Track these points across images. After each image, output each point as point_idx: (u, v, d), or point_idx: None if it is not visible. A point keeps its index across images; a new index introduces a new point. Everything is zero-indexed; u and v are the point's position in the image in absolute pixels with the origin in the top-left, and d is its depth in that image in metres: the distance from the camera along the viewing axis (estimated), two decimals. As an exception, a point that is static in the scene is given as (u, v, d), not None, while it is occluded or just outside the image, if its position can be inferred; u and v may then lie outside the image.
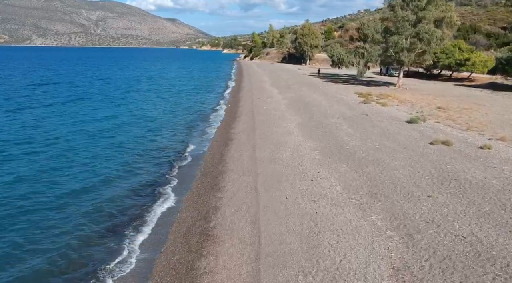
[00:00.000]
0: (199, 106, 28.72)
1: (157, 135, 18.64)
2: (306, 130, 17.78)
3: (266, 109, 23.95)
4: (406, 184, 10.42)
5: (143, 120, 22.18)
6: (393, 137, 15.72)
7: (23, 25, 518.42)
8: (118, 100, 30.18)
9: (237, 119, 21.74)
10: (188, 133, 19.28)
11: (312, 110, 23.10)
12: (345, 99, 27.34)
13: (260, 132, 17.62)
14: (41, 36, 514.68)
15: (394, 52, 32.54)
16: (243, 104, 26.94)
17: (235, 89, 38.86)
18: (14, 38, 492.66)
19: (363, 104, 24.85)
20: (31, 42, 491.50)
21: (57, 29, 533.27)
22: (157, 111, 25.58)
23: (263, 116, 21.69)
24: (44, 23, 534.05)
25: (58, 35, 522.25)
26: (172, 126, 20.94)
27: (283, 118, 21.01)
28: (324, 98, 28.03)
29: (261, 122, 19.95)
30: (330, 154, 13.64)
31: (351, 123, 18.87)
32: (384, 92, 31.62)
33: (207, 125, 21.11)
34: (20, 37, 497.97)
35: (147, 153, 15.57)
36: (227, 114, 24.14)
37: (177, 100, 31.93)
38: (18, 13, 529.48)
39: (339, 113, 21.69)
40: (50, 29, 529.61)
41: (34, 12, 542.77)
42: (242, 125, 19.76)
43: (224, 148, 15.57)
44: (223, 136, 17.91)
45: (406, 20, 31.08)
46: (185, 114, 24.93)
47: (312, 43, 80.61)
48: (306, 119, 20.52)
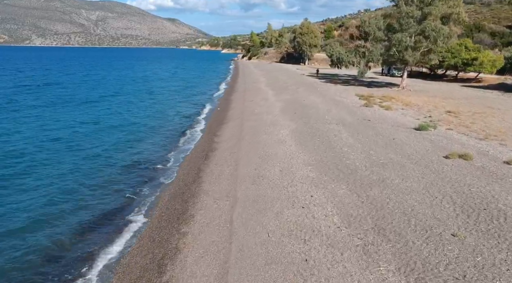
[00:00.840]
0: (186, 109, 26.49)
1: (131, 144, 16.41)
2: (300, 138, 15.55)
3: (258, 113, 21.72)
4: (422, 216, 8.19)
5: (119, 127, 19.93)
6: (401, 149, 13.49)
7: (22, 25, 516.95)
8: (97, 104, 27.92)
9: (224, 125, 19.52)
10: (168, 141, 17.08)
11: (309, 115, 20.86)
12: (345, 102, 25.10)
13: (248, 141, 15.39)
14: (41, 36, 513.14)
15: (397, 51, 30.28)
16: (233, 108, 24.73)
17: (228, 90, 36.64)
18: (14, 38, 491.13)
19: (364, 108, 22.60)
20: (30, 42, 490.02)
21: (57, 29, 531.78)
22: (138, 116, 23.30)
23: (254, 121, 19.46)
24: (44, 23, 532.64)
25: (57, 35, 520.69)
26: (152, 133, 18.73)
27: (276, 123, 18.78)
28: (322, 101, 25.79)
29: (250, 129, 17.72)
30: (327, 171, 11.41)
31: (352, 130, 16.63)
32: (387, 94, 29.37)
33: (191, 132, 18.90)
34: (19, 37, 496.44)
35: (114, 166, 13.36)
36: (215, 119, 21.93)
37: (164, 102, 29.70)
38: (17, 13, 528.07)
39: (338, 118, 19.45)
40: (50, 29, 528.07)
41: (33, 12, 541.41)
42: (229, 132, 17.54)
43: (203, 161, 13.35)
44: (206, 145, 15.70)
45: (410, 16, 28.81)
46: (170, 119, 22.72)
47: (311, 43, 78.40)
48: (301, 125, 18.29)
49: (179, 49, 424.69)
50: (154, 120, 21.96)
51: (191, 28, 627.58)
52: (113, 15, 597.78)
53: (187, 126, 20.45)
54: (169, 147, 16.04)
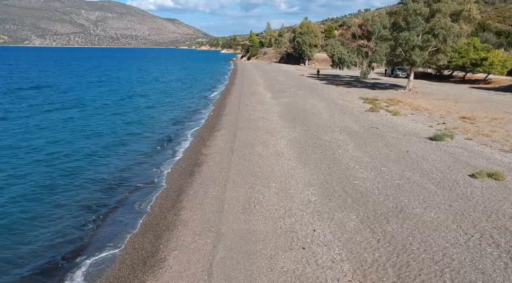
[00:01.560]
0: (177, 113, 24.49)
1: (109, 156, 14.50)
2: (300, 151, 13.67)
3: (253, 120, 19.83)
4: (459, 265, 6.30)
5: (98, 135, 17.90)
6: (417, 165, 11.59)
7: (22, 25, 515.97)
8: (81, 107, 26.03)
9: (217, 132, 17.62)
10: (151, 153, 15.12)
11: (309, 121, 18.97)
12: (349, 106, 23.20)
13: (241, 154, 13.50)
14: (40, 36, 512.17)
15: (403, 50, 28.40)
16: (228, 112, 22.82)
17: (224, 92, 34.74)
18: (13, 38, 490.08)
19: (370, 113, 20.72)
20: (30, 43, 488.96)
21: (57, 30, 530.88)
22: (123, 122, 21.30)
23: (249, 129, 17.57)
24: (43, 23, 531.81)
25: (57, 36, 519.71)
26: (135, 142, 16.80)
27: (273, 131, 16.90)
28: (324, 105, 23.89)
29: (244, 138, 15.83)
30: (332, 193, 9.54)
31: (358, 140, 14.73)
32: (393, 96, 27.50)
33: (178, 142, 16.96)
34: (19, 37, 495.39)
35: (82, 185, 11.46)
36: (207, 125, 20.00)
37: (155, 106, 27.77)
38: (17, 14, 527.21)
39: (342, 126, 17.55)
40: (49, 29, 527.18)
41: (33, 12, 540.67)
42: (220, 142, 15.64)
43: (186, 180, 11.45)
44: (193, 158, 13.79)
45: (418, 13, 26.94)
46: (157, 125, 20.76)
47: (311, 42, 76.65)
48: (301, 133, 16.40)
49: (178, 49, 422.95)
50: (140, 127, 20.01)
51: (191, 28, 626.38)
52: (112, 15, 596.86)
53: (175, 134, 18.48)
54: (152, 160, 14.11)
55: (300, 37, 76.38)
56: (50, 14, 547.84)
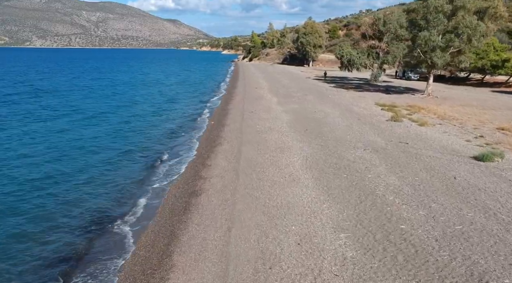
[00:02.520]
0: (174, 123, 21.93)
1: (86, 182, 11.98)
2: (319, 174, 11.20)
3: (260, 131, 17.36)
4: None
5: (78, 152, 15.41)
6: (475, 199, 9.09)
7: (23, 26, 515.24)
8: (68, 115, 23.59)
9: (218, 147, 15.15)
10: (140, 177, 12.58)
11: (325, 133, 16.49)
12: (366, 115, 20.70)
13: (248, 179, 11.04)
14: (41, 37, 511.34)
15: (422, 51, 25.88)
16: (231, 121, 20.35)
17: (226, 97, 32.28)
18: (14, 39, 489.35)
19: (393, 123, 18.21)
20: (31, 44, 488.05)
21: (57, 31, 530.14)
22: (111, 135, 18.51)
23: (255, 143, 15.09)
24: (44, 24, 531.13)
25: (58, 37, 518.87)
26: (124, 161, 14.30)
27: (284, 147, 14.43)
28: (338, 113, 21.39)
29: (251, 156, 13.37)
30: (373, 246, 7.06)
31: (389, 160, 12.24)
32: (412, 102, 25.00)
33: (172, 161, 14.42)
34: (20, 38, 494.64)
35: (50, 228, 9.02)
36: (206, 138, 17.49)
37: (150, 113, 25.32)
38: (18, 15, 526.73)
39: (364, 140, 15.05)
40: (50, 30, 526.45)
41: (34, 13, 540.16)
42: (222, 162, 13.17)
43: (180, 218, 8.99)
44: (188, 185, 11.32)
45: (439, 10, 24.45)
46: (151, 138, 18.25)
47: (315, 43, 74.11)
48: (318, 149, 13.93)
49: (179, 50, 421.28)
50: (132, 141, 17.43)
51: (192, 29, 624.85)
52: (113, 16, 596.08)
53: (170, 150, 15.95)
54: (140, 187, 11.60)
55: (304, 37, 73.84)
56: (51, 15, 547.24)
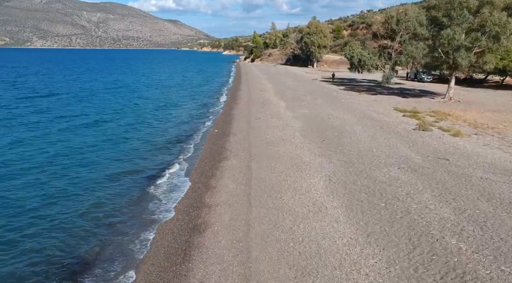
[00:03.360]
0: (172, 132, 19.50)
1: (54, 223, 9.66)
2: (349, 202, 9.05)
3: (270, 142, 15.19)
4: None
5: (53, 173, 13.22)
6: None
7: (23, 27, 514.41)
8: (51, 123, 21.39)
9: (223, 164, 12.98)
10: (129, 209, 10.27)
11: (345, 145, 14.33)
12: (388, 122, 18.50)
13: (262, 211, 8.89)
14: (42, 38, 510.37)
15: (443, 51, 23.68)
16: (236, 131, 18.16)
17: (229, 101, 30.11)
18: (15, 40, 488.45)
19: (421, 133, 16.02)
20: (31, 44, 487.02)
21: (58, 31, 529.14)
22: (99, 150, 15.65)
23: (266, 159, 12.94)
24: (45, 25, 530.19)
25: (58, 37, 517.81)
26: (109, 185, 12.00)
27: (301, 163, 12.27)
28: (355, 119, 19.20)
29: (263, 176, 11.23)
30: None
31: (433, 184, 10.04)
32: (434, 107, 22.82)
33: (168, 182, 12.11)
34: (20, 39, 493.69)
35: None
36: (209, 151, 15.26)
37: (146, 120, 23.17)
38: (18, 15, 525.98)
39: (395, 154, 12.87)
40: (51, 31, 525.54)
41: (34, 14, 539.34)
42: (229, 183, 11.02)
43: (178, 269, 6.84)
44: (189, 216, 9.17)
45: (465, 6, 22.28)
46: (144, 152, 15.85)
47: (320, 43, 71.91)
48: (341, 167, 11.78)
49: (180, 50, 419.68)
50: (125, 155, 15.01)
51: (193, 29, 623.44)
52: (114, 17, 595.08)
53: (167, 166, 13.68)
54: (127, 225, 9.29)
55: (308, 37, 71.69)
56: (51, 15, 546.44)
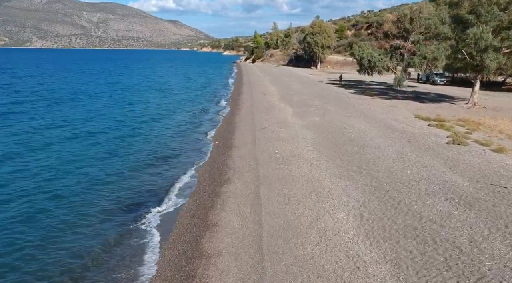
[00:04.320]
0: (166, 146, 16.98)
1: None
2: (396, 254, 6.76)
3: (281, 159, 12.90)
4: None
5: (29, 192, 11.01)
6: None
7: (23, 27, 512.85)
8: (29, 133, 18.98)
9: (224, 189, 10.68)
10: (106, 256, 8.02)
11: (370, 163, 12.04)
12: (414, 133, 16.17)
13: (279, 268, 6.60)
14: (42, 38, 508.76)
15: (467, 52, 21.38)
16: (239, 144, 15.85)
17: (231, 106, 27.77)
18: (15, 40, 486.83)
19: (457, 148, 13.70)
20: (31, 44, 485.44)
21: (58, 31, 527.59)
22: (77, 171, 13.04)
23: (277, 184, 10.64)
24: (45, 25, 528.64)
25: (58, 37, 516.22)
26: (88, 217, 9.78)
27: (320, 189, 9.99)
28: (375, 130, 16.88)
29: (276, 210, 8.94)
30: None
31: (501, 225, 7.70)
32: (459, 114, 20.52)
33: (159, 215, 9.78)
34: (20, 39, 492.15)
35: None
36: (208, 170, 12.90)
37: (137, 129, 20.87)
38: (18, 15, 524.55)
39: (435, 178, 10.54)
40: (51, 31, 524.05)
41: (34, 14, 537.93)
42: (233, 218, 8.73)
43: None
44: (178, 276, 6.88)
45: (494, 2, 20.00)
46: (132, 171, 13.46)
47: (323, 43, 69.70)
48: (370, 193, 9.51)
49: (180, 50, 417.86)
50: (94, 187, 12.24)
51: (193, 29, 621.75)
52: (114, 17, 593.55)
53: (160, 193, 11.26)
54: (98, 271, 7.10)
55: (312, 37, 69.47)
56: (51, 15, 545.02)
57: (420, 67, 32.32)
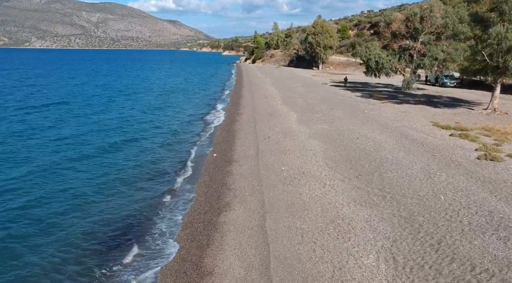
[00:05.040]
0: (156, 161, 14.89)
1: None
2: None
3: (287, 179, 11.14)
4: None
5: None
6: None
7: (22, 27, 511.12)
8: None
9: (222, 218, 8.92)
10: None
11: (392, 184, 10.28)
12: (437, 145, 14.37)
13: None
14: (41, 38, 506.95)
15: (488, 53, 19.64)
16: (240, 157, 14.06)
17: (231, 111, 26.00)
18: (14, 40, 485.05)
19: (490, 164, 11.94)
20: (30, 44, 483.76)
21: (57, 31, 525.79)
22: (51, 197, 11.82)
23: (286, 212, 8.89)
24: (44, 25, 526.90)
25: (57, 37, 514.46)
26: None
27: (339, 219, 8.25)
28: (393, 141, 15.08)
29: (286, 253, 7.18)
30: None
31: None
32: (480, 121, 18.76)
33: (143, 257, 8.09)
34: (19, 39, 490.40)
35: None
36: (203, 194, 11.10)
37: (124, 143, 19.06)
38: (17, 15, 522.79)
39: (476, 205, 8.77)
40: (50, 31, 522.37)
41: (33, 14, 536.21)
42: (235, 267, 6.98)
43: None
44: None
45: (519, -2, 18.24)
46: (113, 193, 11.79)
47: (326, 44, 67.90)
48: (401, 227, 7.77)
49: (179, 51, 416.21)
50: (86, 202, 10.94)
51: (192, 29, 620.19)
52: (113, 17, 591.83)
53: (147, 225, 9.50)
54: None
55: (313, 37, 67.69)
56: (50, 15, 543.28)
57: (431, 69, 30.57)
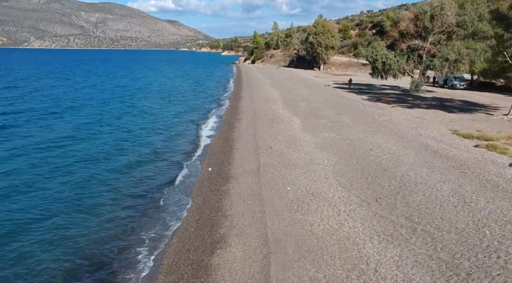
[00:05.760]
0: (141, 180, 12.92)
1: None
2: None
3: (295, 203, 9.38)
4: None
5: None
6: None
7: (21, 27, 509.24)
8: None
9: (215, 260, 7.17)
10: None
11: (421, 210, 8.53)
12: (464, 159, 12.59)
13: None
14: (40, 38, 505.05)
15: (510, 54, 17.89)
16: (238, 173, 12.27)
17: (228, 118, 24.20)
18: (12, 40, 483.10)
19: (532, 184, 10.19)
20: (29, 44, 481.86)
21: (56, 31, 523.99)
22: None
23: (295, 250, 7.14)
24: (43, 25, 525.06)
25: (56, 37, 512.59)
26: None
27: (362, 266, 6.49)
28: (411, 153, 13.30)
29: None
30: None
31: None
32: (503, 129, 17.01)
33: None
34: (18, 39, 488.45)
35: None
36: (194, 222, 9.19)
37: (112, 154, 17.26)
38: (16, 15, 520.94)
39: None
40: (49, 31, 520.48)
41: (32, 14, 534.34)
42: None
43: None
44: None
45: (547, -6, 16.51)
46: (98, 220, 10.13)
47: (327, 44, 66.16)
48: (442, 275, 5.99)
49: (178, 51, 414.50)
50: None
51: (192, 30, 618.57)
52: (113, 17, 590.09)
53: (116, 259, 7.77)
54: None
55: (315, 37, 65.94)
56: (49, 15, 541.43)
57: (441, 70, 28.83)
